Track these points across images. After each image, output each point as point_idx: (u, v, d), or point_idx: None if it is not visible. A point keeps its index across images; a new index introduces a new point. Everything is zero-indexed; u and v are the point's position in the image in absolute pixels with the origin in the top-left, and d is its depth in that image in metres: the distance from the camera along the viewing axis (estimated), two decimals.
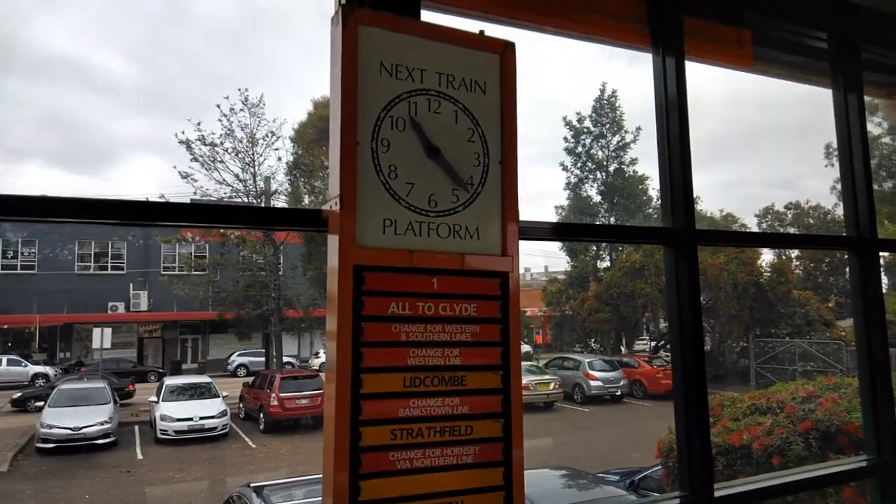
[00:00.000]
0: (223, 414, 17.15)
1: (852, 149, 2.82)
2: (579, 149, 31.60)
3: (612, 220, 32.85)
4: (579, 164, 31.64)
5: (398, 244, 1.63)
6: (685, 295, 2.28)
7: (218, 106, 25.93)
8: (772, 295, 25.80)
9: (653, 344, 31.48)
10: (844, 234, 2.84)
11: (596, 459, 13.56)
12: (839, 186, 2.83)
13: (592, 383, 22.70)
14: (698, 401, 2.22)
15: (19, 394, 21.12)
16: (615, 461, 12.86)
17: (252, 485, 6.65)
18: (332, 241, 1.61)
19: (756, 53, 2.84)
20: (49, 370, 28.63)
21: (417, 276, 1.64)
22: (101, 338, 24.66)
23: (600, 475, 9.29)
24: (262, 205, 24.79)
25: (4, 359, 27.83)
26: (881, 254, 2.86)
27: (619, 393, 22.77)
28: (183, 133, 26.08)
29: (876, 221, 2.77)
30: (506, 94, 1.80)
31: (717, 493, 2.21)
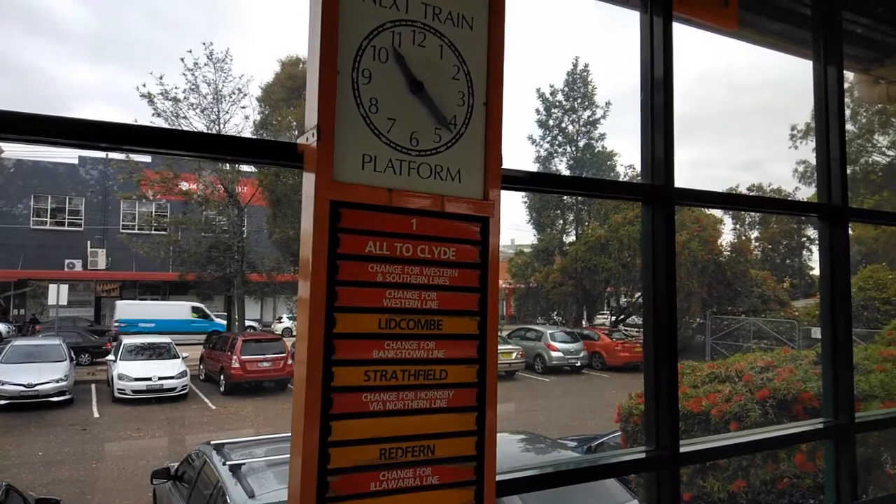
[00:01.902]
0: (182, 375, 16.93)
1: (829, 117, 2.83)
2: (551, 122, 31.60)
3: (580, 195, 33.00)
4: (549, 138, 31.66)
5: (377, 182, 1.57)
6: (660, 252, 2.28)
7: (182, 59, 25.09)
8: (730, 274, 26.46)
9: (613, 318, 32.11)
10: (816, 202, 2.86)
11: (555, 427, 13.85)
12: (800, 168, 2.85)
13: (553, 354, 23.10)
14: (669, 358, 2.23)
15: None
16: (573, 428, 13.16)
17: (212, 442, 6.57)
18: (308, 179, 1.54)
19: (741, 18, 2.81)
20: (2, 326, 27.83)
21: (396, 215, 1.58)
22: (58, 295, 23.96)
23: (559, 440, 9.47)
24: (227, 162, 24.22)
25: None
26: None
27: (578, 364, 23.24)
28: (145, 86, 25.17)
29: (847, 190, 2.80)
30: (493, 33, 1.73)
31: (682, 449, 2.24)
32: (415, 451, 1.57)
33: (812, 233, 36.15)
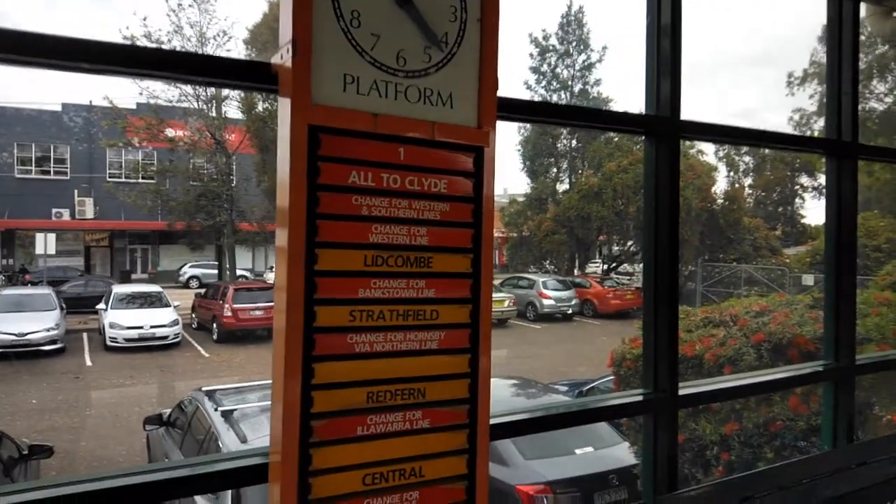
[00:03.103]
0: (175, 323, 16.92)
1: (842, 47, 2.68)
2: (544, 67, 30.92)
3: (574, 142, 32.71)
4: (543, 84, 31.04)
5: (361, 105, 1.42)
6: (664, 189, 2.16)
7: (166, 0, 24.18)
8: (723, 221, 26.47)
9: (605, 266, 32.25)
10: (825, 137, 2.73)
11: (546, 372, 14.00)
12: (796, 117, 2.71)
13: (545, 302, 23.26)
14: (670, 299, 2.14)
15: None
16: (564, 374, 13.31)
17: (204, 389, 6.56)
18: (284, 103, 1.39)
19: None
20: None
21: (382, 143, 1.45)
22: (45, 243, 23.72)
23: (550, 385, 9.57)
24: (213, 107, 23.70)
25: None
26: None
27: (570, 311, 23.43)
28: (128, 28, 24.33)
29: (858, 127, 2.67)
30: None
31: (681, 392, 2.17)
32: (404, 394, 1.48)
33: (805, 180, 36.04)
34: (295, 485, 1.34)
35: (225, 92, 23.95)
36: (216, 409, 5.73)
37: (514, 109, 1.79)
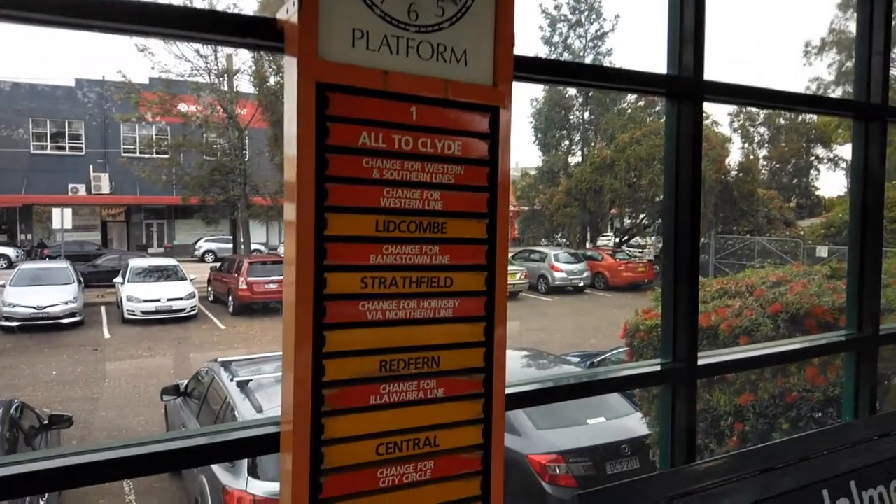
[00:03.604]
0: (191, 296, 17.07)
1: (874, 6, 2.55)
2: (556, 38, 30.39)
3: (587, 114, 32.29)
4: (555, 55, 30.50)
5: (371, 62, 1.36)
6: (685, 153, 2.08)
7: None
8: (737, 193, 26.13)
9: (616, 240, 32.05)
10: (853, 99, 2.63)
11: (557, 344, 14.01)
12: (812, 87, 2.59)
13: (557, 275, 23.21)
14: (691, 267, 2.08)
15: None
16: (575, 346, 13.30)
17: (220, 360, 6.61)
18: (290, 62, 1.33)
19: None
20: (10, 251, 27.99)
21: (393, 102, 1.39)
22: (62, 218, 23.93)
23: (562, 356, 9.57)
24: (225, 81, 23.59)
25: None
26: (844, 156, 2.68)
27: (581, 284, 23.37)
28: None
29: (888, 89, 2.56)
30: None
31: (700, 362, 2.13)
32: (418, 362, 1.44)
33: (821, 151, 35.36)
34: (307, 454, 1.31)
35: (236, 65, 23.82)
36: (232, 380, 5.77)
37: (530, 68, 1.72)
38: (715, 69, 2.11)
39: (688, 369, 2.08)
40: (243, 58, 24.00)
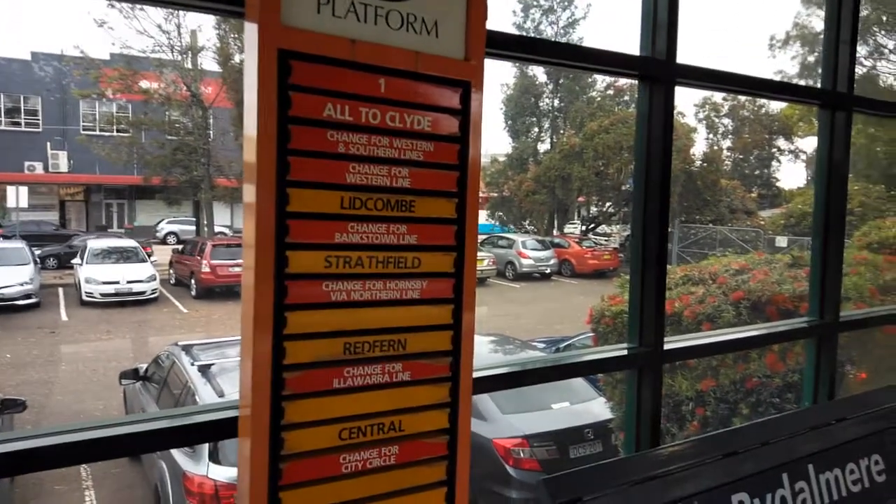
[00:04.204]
0: (152, 278, 16.67)
1: None
2: (528, 24, 30.37)
3: (556, 102, 32.39)
4: None
5: (337, 30, 1.30)
6: (657, 139, 2.07)
7: None
8: (701, 183, 26.60)
9: (583, 227, 32.39)
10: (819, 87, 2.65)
11: (524, 330, 14.10)
12: (777, 79, 2.60)
13: (524, 261, 23.37)
14: (659, 253, 2.08)
15: (39, 251, 20.19)
16: (541, 332, 13.42)
17: (181, 343, 6.46)
18: (250, 29, 1.26)
19: None
20: None
21: (361, 73, 1.33)
22: (17, 197, 23.11)
23: (528, 342, 9.64)
24: (188, 58, 22.98)
25: None
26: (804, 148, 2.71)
27: (548, 271, 23.58)
28: None
29: (854, 77, 2.59)
30: None
31: (666, 346, 2.13)
32: (384, 345, 1.40)
33: (783, 143, 36.18)
34: (266, 439, 1.26)
35: (200, 42, 23.20)
36: (193, 364, 5.65)
37: (503, 45, 1.67)
38: (682, 58, 2.09)
39: (654, 354, 2.08)
40: (207, 35, 23.44)
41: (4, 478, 4.97)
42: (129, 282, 16.12)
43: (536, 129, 31.96)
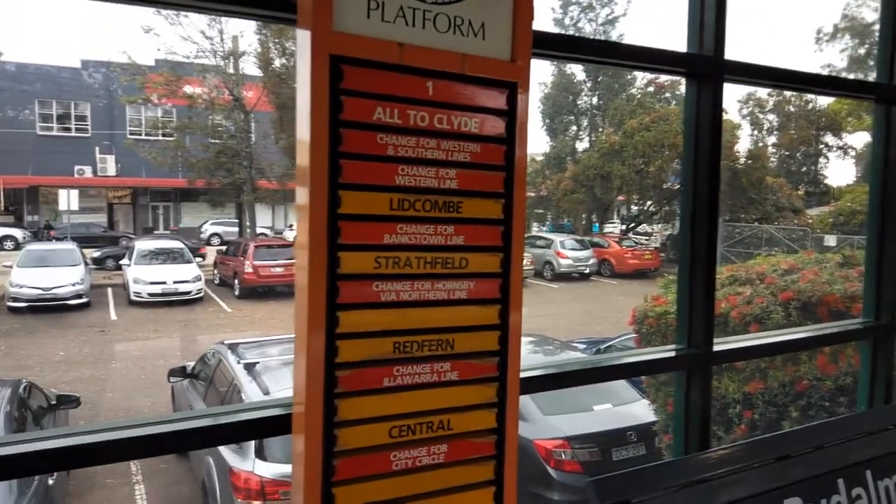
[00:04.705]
0: (197, 279, 17.10)
1: None
2: (566, 20, 30.13)
3: (595, 99, 32.03)
4: None
5: (386, 34, 1.32)
6: (705, 137, 2.03)
7: None
8: (745, 180, 25.95)
9: (623, 227, 31.94)
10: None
11: (563, 330, 13.98)
12: (825, 73, 2.51)
13: (562, 261, 23.17)
14: (708, 252, 2.04)
15: (99, 252, 21.70)
16: (580, 332, 13.28)
17: (227, 342, 6.62)
18: (302, 35, 1.29)
19: None
20: (17, 232, 28.11)
21: (409, 76, 1.34)
22: (68, 199, 23.97)
23: (567, 342, 9.56)
24: (230, 63, 23.49)
25: None
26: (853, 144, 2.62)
27: (587, 271, 23.33)
28: None
29: None
30: None
31: (715, 348, 2.09)
32: (432, 345, 1.41)
33: (830, 139, 35.02)
34: (320, 436, 1.29)
35: (242, 47, 23.69)
36: (239, 362, 5.78)
37: (549, 44, 1.67)
38: (728, 54, 2.05)
39: (703, 355, 2.05)
40: (249, 40, 23.91)
41: (61, 471, 5.17)
42: (175, 282, 16.56)
43: (575, 128, 31.65)
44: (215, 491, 4.96)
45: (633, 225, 31.08)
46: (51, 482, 4.69)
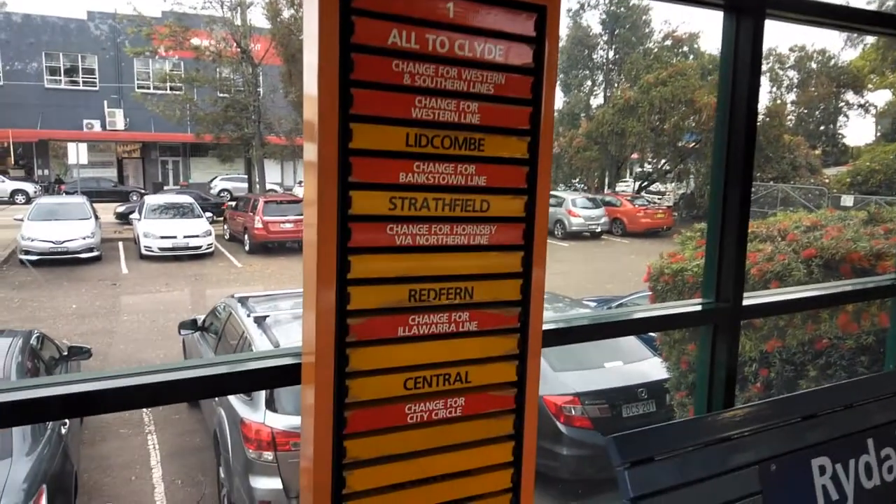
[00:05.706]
0: (207, 234, 17.11)
1: None
2: None
3: (611, 53, 31.24)
4: None
5: None
6: (742, 76, 1.89)
7: None
8: (762, 138, 25.40)
9: (636, 185, 31.54)
10: None
11: (573, 289, 13.91)
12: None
13: (574, 220, 22.97)
14: (742, 201, 1.92)
15: (123, 207, 22.21)
16: (591, 291, 13.20)
17: (237, 295, 6.59)
18: None
19: None
20: (28, 186, 28.19)
21: None
22: (77, 154, 23.90)
23: (578, 300, 9.50)
24: (238, 15, 23.02)
25: None
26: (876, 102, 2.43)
27: (599, 230, 23.14)
28: None
29: None
30: None
31: (745, 302, 1.99)
32: (450, 293, 1.31)
33: (851, 97, 34.13)
34: (331, 386, 1.21)
35: None
36: (249, 315, 5.75)
37: None
38: None
39: (732, 309, 1.95)
40: None
41: (74, 418, 5.22)
42: (185, 237, 16.57)
43: (589, 83, 30.99)
44: (227, 441, 4.99)
45: (646, 183, 30.68)
46: (63, 430, 4.72)
